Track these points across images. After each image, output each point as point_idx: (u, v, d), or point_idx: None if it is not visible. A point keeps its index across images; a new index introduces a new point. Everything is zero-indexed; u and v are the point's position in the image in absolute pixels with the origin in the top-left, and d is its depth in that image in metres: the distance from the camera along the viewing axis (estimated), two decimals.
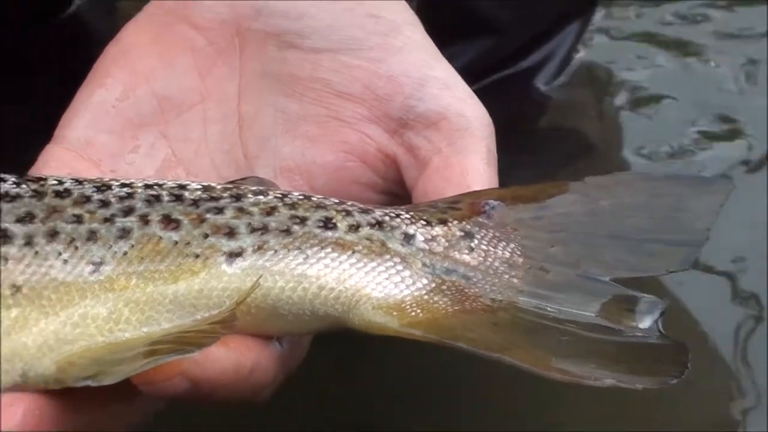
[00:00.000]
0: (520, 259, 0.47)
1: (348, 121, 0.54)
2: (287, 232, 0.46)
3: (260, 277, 0.46)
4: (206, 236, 0.46)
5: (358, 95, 0.54)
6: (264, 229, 0.47)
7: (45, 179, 0.49)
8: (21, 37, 0.93)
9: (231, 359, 0.45)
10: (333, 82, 0.54)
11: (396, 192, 0.54)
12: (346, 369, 0.82)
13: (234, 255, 0.47)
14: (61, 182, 0.49)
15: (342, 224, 0.47)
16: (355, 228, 0.47)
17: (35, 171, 0.53)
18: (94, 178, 0.50)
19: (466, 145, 0.51)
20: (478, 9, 0.93)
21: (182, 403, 0.49)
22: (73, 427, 0.46)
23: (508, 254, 0.47)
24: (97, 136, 0.55)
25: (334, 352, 0.76)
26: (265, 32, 0.55)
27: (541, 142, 1.02)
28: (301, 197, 0.48)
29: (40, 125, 0.57)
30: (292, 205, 0.48)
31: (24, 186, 0.48)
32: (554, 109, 1.06)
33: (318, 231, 0.46)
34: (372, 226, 0.47)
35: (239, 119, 0.56)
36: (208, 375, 0.44)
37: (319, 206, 0.48)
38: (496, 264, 0.46)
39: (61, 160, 0.54)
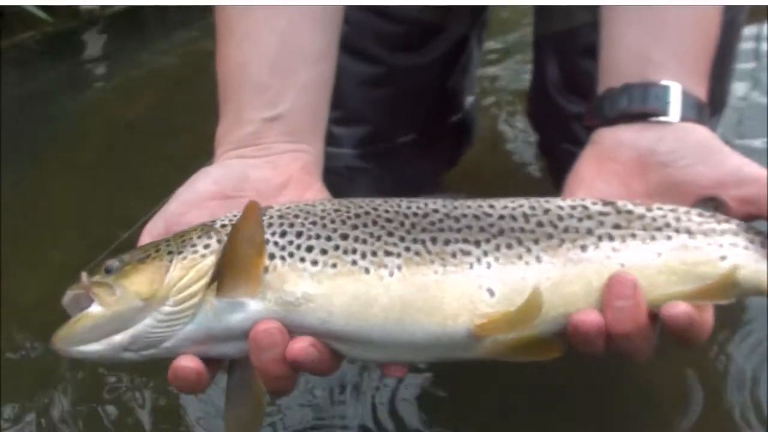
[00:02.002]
0: None
1: (707, 189, 0.89)
2: (745, 248, 0.84)
3: (736, 266, 0.82)
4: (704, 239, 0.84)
5: (707, 183, 0.89)
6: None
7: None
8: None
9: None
10: (696, 178, 0.90)
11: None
12: None
13: (722, 258, 0.83)
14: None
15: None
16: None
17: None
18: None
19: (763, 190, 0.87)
20: None
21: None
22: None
23: None
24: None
25: None
26: (654, 161, 0.92)
27: None
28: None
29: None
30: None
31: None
32: None
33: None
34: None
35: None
36: (701, 318, 0.79)
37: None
38: None
39: None
